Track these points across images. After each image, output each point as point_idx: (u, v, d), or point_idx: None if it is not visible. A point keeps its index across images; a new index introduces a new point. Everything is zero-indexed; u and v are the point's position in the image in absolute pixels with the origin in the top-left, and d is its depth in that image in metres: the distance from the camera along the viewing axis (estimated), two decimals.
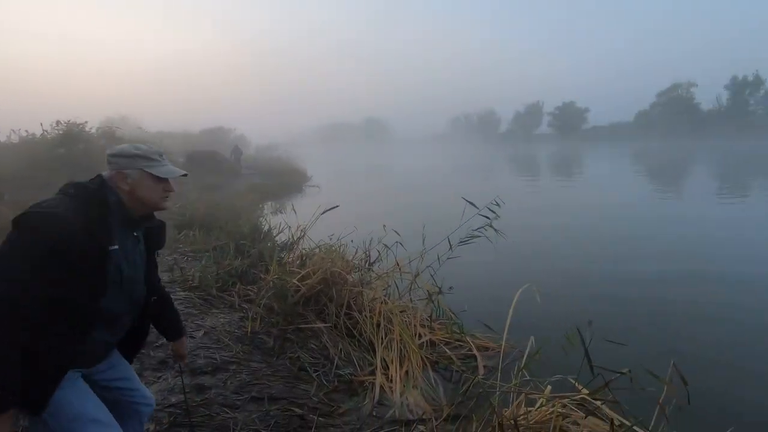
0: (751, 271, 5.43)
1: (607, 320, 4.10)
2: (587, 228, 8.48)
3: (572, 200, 12.71)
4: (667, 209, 10.66)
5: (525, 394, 1.77)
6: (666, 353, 2.77)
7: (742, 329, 3.86)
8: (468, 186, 16.11)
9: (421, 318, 3.61)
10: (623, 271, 5.68)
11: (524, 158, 39.42)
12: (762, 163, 24.64)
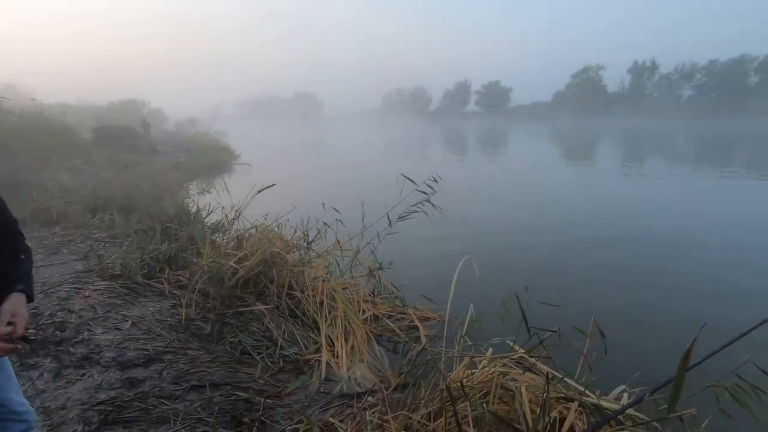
0: (665, 237, 6.15)
1: (540, 285, 4.47)
2: (517, 200, 9.03)
3: (501, 175, 13.44)
4: (582, 182, 11.67)
5: (469, 357, 1.88)
6: (589, 312, 3.08)
7: (653, 291, 4.37)
8: (405, 162, 16.38)
9: (364, 294, 3.66)
10: (552, 240, 6.14)
11: (455, 134, 40.73)
12: (655, 140, 27.81)
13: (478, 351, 2.03)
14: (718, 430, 2.21)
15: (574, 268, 4.97)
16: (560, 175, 12.88)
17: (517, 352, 1.79)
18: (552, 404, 1.64)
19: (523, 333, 1.85)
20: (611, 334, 1.96)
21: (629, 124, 59.99)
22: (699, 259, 5.15)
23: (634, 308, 3.90)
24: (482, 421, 1.65)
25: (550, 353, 1.82)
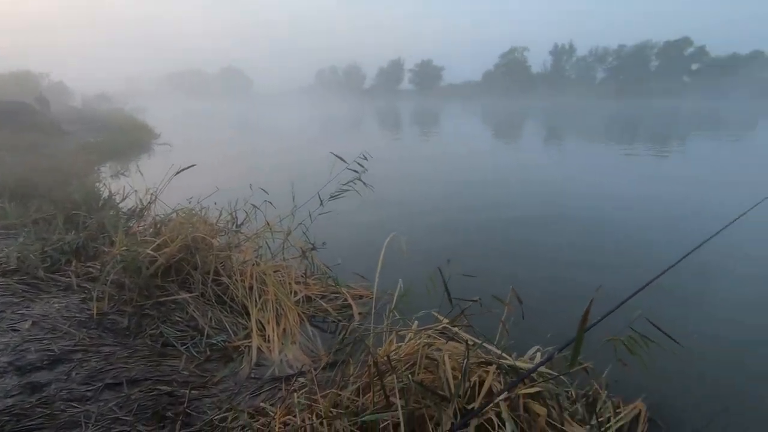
0: (581, 214, 6.65)
1: (463, 258, 4.68)
2: (448, 179, 9.31)
3: (434, 154, 13.74)
4: (510, 161, 12.30)
5: (395, 332, 1.93)
6: (508, 282, 3.28)
7: (564, 263, 4.72)
8: (338, 141, 16.15)
9: (296, 275, 3.60)
10: (478, 217, 6.40)
11: (389, 113, 40.82)
12: (573, 119, 29.98)
13: (406, 325, 2.09)
14: (616, 377, 2.49)
15: (495, 244, 5.22)
16: (489, 155, 13.45)
17: (441, 323, 1.87)
18: (473, 369, 1.74)
19: (449, 305, 1.93)
20: (528, 302, 2.12)
21: (551, 103, 63.91)
22: (605, 234, 5.64)
23: (548, 278, 4.21)
24: (409, 391, 1.70)
25: (471, 322, 1.92)
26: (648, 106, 49.61)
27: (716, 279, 4.07)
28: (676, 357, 2.67)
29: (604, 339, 2.09)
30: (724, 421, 2.26)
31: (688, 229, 5.53)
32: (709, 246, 2.17)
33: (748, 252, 4.66)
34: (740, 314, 3.42)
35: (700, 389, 2.52)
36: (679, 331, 2.94)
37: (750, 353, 2.88)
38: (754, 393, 2.49)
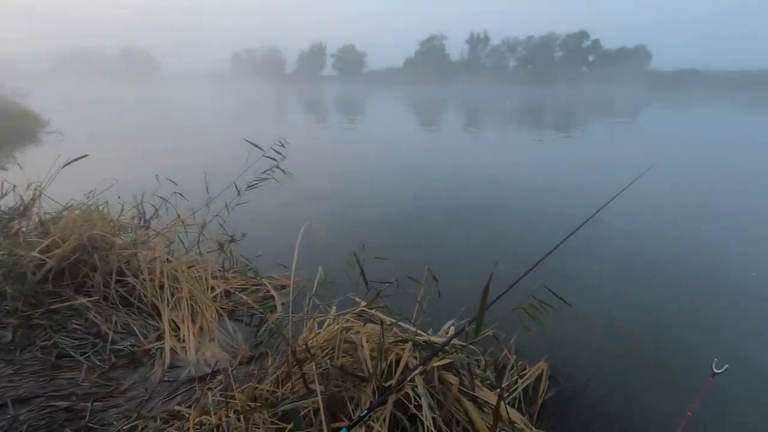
0: (493, 194, 7.07)
1: (379, 242, 4.75)
2: (371, 166, 9.37)
3: (358, 141, 13.73)
4: (431, 147, 12.69)
5: (313, 319, 1.92)
6: (424, 263, 3.40)
7: (476, 242, 5.00)
8: (257, 129, 15.46)
9: (213, 270, 3.42)
10: (393, 200, 6.55)
11: (312, 99, 39.91)
12: (489, 106, 31.72)
13: (326, 312, 2.09)
14: (524, 342, 2.73)
15: (413, 227, 5.37)
16: (409, 142, 13.75)
17: (359, 306, 1.90)
18: (390, 348, 1.80)
19: (367, 289, 1.96)
20: (444, 280, 2.23)
21: (469, 90, 66.78)
22: (511, 218, 6.07)
23: (460, 256, 4.42)
24: (329, 376, 1.72)
25: (388, 303, 1.98)
26: (553, 94, 54.01)
27: (600, 252, 4.58)
28: (570, 322, 2.99)
29: (510, 309, 2.28)
30: (607, 371, 2.59)
31: (588, 205, 6.17)
32: (603, 221, 2.45)
33: (632, 226, 5.33)
34: (621, 283, 3.91)
35: (588, 348, 2.85)
36: (572, 300, 3.30)
37: (626, 316, 3.31)
38: (631, 349, 2.88)
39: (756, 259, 4.40)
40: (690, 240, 4.99)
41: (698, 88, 69.81)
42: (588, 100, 39.54)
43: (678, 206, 6.33)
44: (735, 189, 7.41)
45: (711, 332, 3.09)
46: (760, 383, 2.53)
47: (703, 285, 3.85)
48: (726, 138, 14.98)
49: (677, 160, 9.88)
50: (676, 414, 1.85)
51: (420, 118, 22.89)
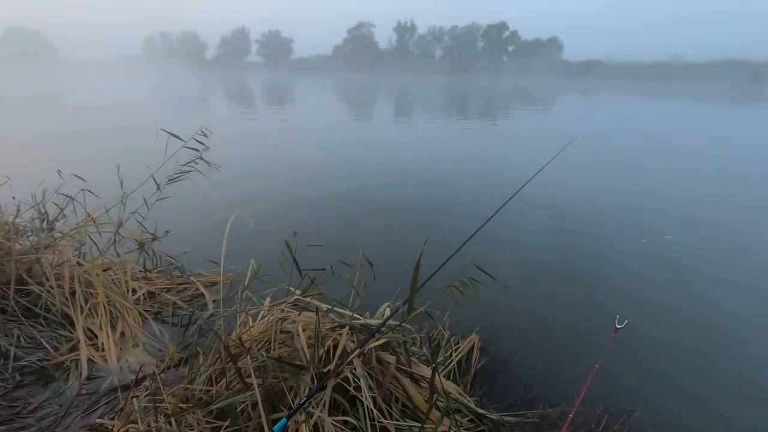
0: (425, 180, 7.23)
1: (313, 230, 4.72)
2: (303, 155, 9.16)
3: (285, 129, 13.33)
4: (361, 135, 12.68)
5: (246, 312, 1.87)
6: (357, 246, 3.42)
7: (409, 224, 5.13)
8: (177, 119, 14.41)
9: (133, 271, 3.17)
10: (326, 188, 6.49)
11: (237, 87, 37.95)
12: (417, 94, 32.36)
13: (260, 304, 2.04)
14: (458, 318, 2.87)
15: (346, 215, 5.34)
16: (342, 130, 13.64)
17: (293, 296, 1.87)
18: (327, 334, 1.80)
19: (303, 277, 1.94)
20: (380, 264, 2.27)
21: (398, 78, 67.54)
22: (443, 202, 6.31)
23: (392, 239, 4.50)
24: (266, 369, 1.69)
25: (324, 290, 1.98)
26: (477, 83, 56.40)
27: (522, 228, 4.93)
28: (498, 295, 3.21)
29: (442, 287, 2.39)
30: (529, 336, 2.82)
31: (513, 185, 6.58)
32: (529, 200, 2.63)
33: (549, 203, 5.78)
34: (542, 256, 4.25)
35: (514, 317, 3.07)
36: (500, 273, 3.52)
37: (547, 288, 3.61)
38: (554, 317, 3.15)
39: (663, 226, 4.98)
40: (605, 211, 5.54)
41: (602, 77, 76.91)
42: (509, 89, 41.85)
43: (591, 184, 6.98)
44: (643, 168, 8.31)
45: (620, 293, 3.47)
46: (658, 334, 2.89)
47: (616, 251, 4.30)
48: (628, 122, 16.70)
49: (589, 142, 10.85)
50: (588, 367, 2.08)
51: (351, 106, 22.75)
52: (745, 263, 4.11)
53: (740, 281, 3.73)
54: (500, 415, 2.08)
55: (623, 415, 2.14)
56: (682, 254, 4.23)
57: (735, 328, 3.02)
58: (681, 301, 3.38)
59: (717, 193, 6.64)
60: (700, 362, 2.67)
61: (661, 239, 4.57)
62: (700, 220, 5.35)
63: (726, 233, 4.91)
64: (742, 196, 6.51)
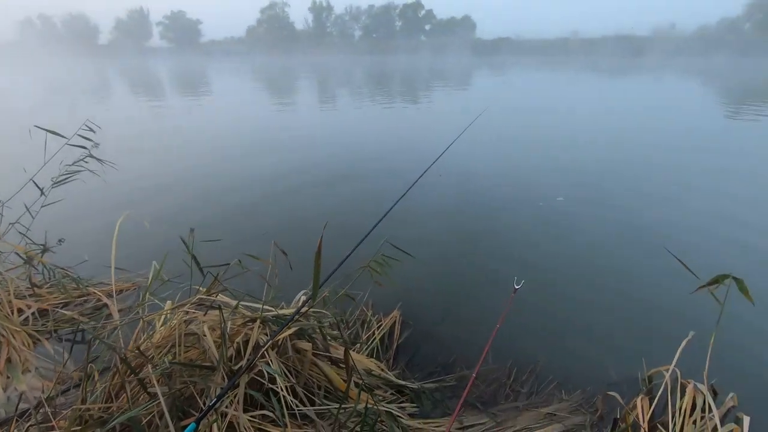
0: (346, 163, 7.17)
1: (222, 222, 4.50)
2: (216, 145, 8.64)
3: (201, 120, 12.46)
4: (283, 123, 12.23)
5: (142, 319, 1.75)
6: (266, 237, 3.32)
7: (317, 212, 5.05)
8: (65, 113, 12.82)
9: (18, 289, 2.82)
10: (238, 177, 6.20)
11: (139, 73, 34.56)
12: (338, 76, 31.86)
13: (164, 307, 1.92)
14: (381, 296, 2.93)
15: (261, 204, 5.11)
16: (258, 118, 13.06)
17: (196, 296, 1.78)
18: (238, 329, 1.75)
19: (205, 275, 1.85)
20: (298, 251, 2.22)
21: (318, 60, 65.96)
22: (367, 181, 6.36)
23: (310, 226, 4.32)
24: (173, 375, 1.60)
25: (236, 285, 1.92)
26: (397, 63, 56.79)
27: (434, 203, 5.10)
28: (416, 270, 3.32)
29: (358, 269, 2.42)
30: (445, 306, 2.98)
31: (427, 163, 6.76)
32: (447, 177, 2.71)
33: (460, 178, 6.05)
34: (453, 227, 4.46)
35: (430, 288, 3.21)
36: (416, 249, 3.63)
37: (458, 258, 3.79)
38: (466, 285, 3.33)
39: (557, 186, 5.42)
40: (509, 180, 5.90)
41: (512, 54, 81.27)
42: (427, 68, 42.68)
43: (497, 154, 7.41)
44: (541, 136, 8.96)
45: (519, 254, 3.75)
46: (549, 293, 3.16)
47: (518, 216, 4.62)
48: (532, 95, 17.89)
49: (496, 116, 11.47)
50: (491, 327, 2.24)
51: (270, 90, 21.82)
52: (624, 218, 4.57)
53: (619, 235, 4.17)
54: (421, 384, 2.19)
55: (530, 366, 2.35)
56: (570, 214, 4.63)
57: (616, 278, 3.37)
58: (568, 255, 3.72)
59: (603, 155, 7.38)
60: (586, 311, 2.95)
61: (554, 201, 5.00)
62: (588, 180, 5.90)
63: (611, 191, 5.48)
64: (625, 158, 7.29)
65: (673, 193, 5.37)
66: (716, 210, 4.77)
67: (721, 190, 5.46)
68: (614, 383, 2.27)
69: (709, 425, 1.70)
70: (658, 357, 2.04)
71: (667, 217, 4.55)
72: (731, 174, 6.22)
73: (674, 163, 6.77)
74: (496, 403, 2.12)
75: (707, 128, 10.26)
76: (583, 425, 1.96)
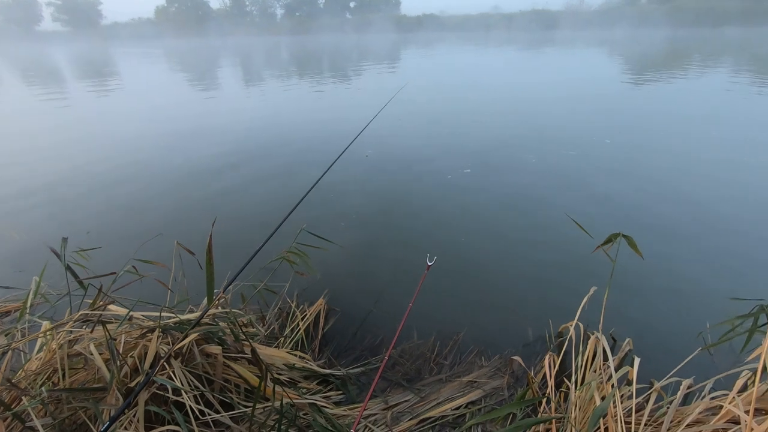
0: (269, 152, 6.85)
1: (116, 228, 4.01)
2: (119, 135, 7.89)
3: (111, 114, 11.29)
4: (202, 106, 11.42)
5: (9, 346, 1.53)
6: (171, 237, 3.13)
7: (227, 207, 4.89)
8: None
9: None
10: (146, 173, 5.76)
11: (27, 62, 30.47)
12: (263, 57, 30.35)
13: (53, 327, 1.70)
14: (305, 286, 2.87)
15: (173, 199, 4.73)
16: (172, 106, 12.14)
17: (80, 311, 1.60)
18: (135, 342, 1.61)
19: (87, 287, 1.67)
20: (219, 246, 2.05)
21: (237, 41, 62.38)
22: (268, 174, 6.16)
23: (224, 221, 4.04)
24: (58, 403, 1.44)
25: (135, 294, 1.75)
26: (320, 42, 55.23)
27: (352, 185, 5.04)
28: (338, 255, 3.28)
29: (271, 260, 2.32)
30: (366, 287, 2.97)
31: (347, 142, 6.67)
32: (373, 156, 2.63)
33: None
34: (370, 208, 4.44)
35: (355, 274, 3.18)
36: (336, 234, 3.57)
37: (376, 240, 3.78)
38: (385, 265, 3.30)
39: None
40: (423, 153, 5.96)
41: (438, 30, 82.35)
42: (354, 46, 41.99)
43: (410, 132, 7.46)
44: (457, 109, 9.18)
45: (432, 230, 3.80)
46: (464, 264, 3.27)
47: (430, 190, 4.68)
48: (453, 69, 18.29)
49: (418, 92, 11.59)
50: (419, 304, 2.27)
51: (187, 76, 20.25)
52: (528, 185, 4.80)
53: (524, 201, 4.37)
54: (347, 370, 2.17)
55: (452, 339, 2.42)
56: (477, 185, 4.80)
57: (525, 245, 3.53)
58: (477, 226, 3.86)
59: (510, 125, 7.74)
60: (500, 278, 3.08)
61: (461, 173, 5.18)
62: (497, 151, 6.14)
63: (511, 159, 5.75)
64: (536, 127, 7.67)
65: (577, 160, 5.74)
66: (617, 168, 5.19)
67: (622, 153, 5.94)
68: (529, 343, 2.41)
69: (609, 371, 1.85)
70: (569, 314, 2.18)
71: (570, 183, 4.85)
72: (635, 131, 6.82)
73: (580, 131, 7.26)
74: (420, 378, 2.17)
75: (611, 95, 11.12)
76: (501, 388, 2.06)
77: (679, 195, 4.41)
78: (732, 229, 3.65)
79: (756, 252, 3.29)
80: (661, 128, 7.19)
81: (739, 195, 4.39)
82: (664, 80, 13.09)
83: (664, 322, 2.57)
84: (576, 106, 9.47)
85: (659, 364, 1.99)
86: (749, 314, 1.84)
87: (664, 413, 1.61)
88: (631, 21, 71.06)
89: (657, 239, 3.50)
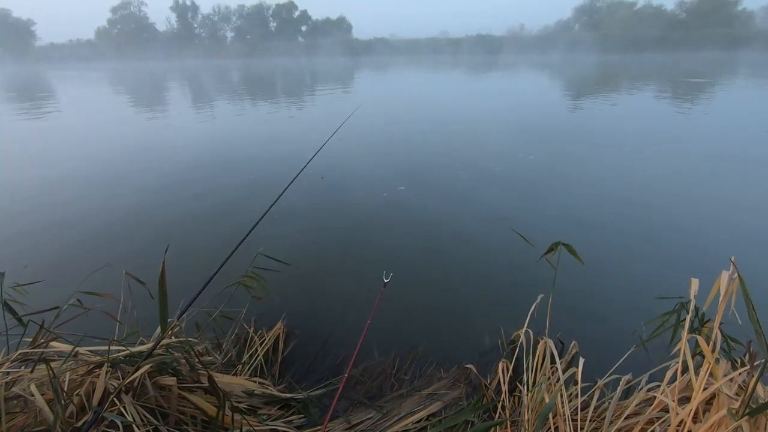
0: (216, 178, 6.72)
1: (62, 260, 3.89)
2: (56, 171, 7.46)
3: (49, 136, 10.59)
4: (149, 133, 11.02)
5: None
6: (119, 267, 3.01)
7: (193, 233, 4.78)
8: None
9: None
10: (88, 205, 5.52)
11: None
12: (212, 82, 29.80)
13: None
14: (263, 311, 2.83)
15: (116, 228, 4.63)
16: (114, 131, 11.64)
17: (17, 351, 1.51)
18: (81, 379, 1.53)
19: (27, 324, 1.58)
20: (174, 274, 1.99)
21: (187, 65, 61.06)
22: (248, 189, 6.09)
23: (177, 249, 3.95)
24: None
25: (81, 328, 1.67)
26: (274, 65, 55.19)
27: (306, 206, 5.11)
28: (295, 277, 3.27)
29: (226, 286, 2.29)
30: (325, 308, 2.98)
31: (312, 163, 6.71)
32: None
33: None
34: (323, 227, 4.50)
35: (313, 296, 3.18)
36: (292, 255, 3.55)
37: (331, 259, 3.84)
38: (343, 284, 3.33)
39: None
40: (367, 173, 6.12)
41: (388, 54, 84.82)
42: (306, 70, 42.31)
43: (359, 151, 7.65)
44: (400, 130, 9.49)
45: (381, 245, 3.90)
46: (419, 280, 3.36)
47: (371, 208, 4.81)
48: (403, 92, 18.89)
49: (367, 116, 11.87)
50: (381, 322, 2.31)
51: (151, 100, 19.45)
52: (471, 199, 5.08)
53: (469, 218, 4.59)
54: (308, 393, 2.16)
55: (411, 353, 2.47)
56: (412, 201, 5.02)
57: (475, 258, 3.68)
58: (424, 242, 4.00)
59: (443, 146, 8.10)
60: (453, 291, 3.20)
61: (396, 191, 5.38)
62: (429, 169, 6.40)
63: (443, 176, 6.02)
64: (469, 145, 8.09)
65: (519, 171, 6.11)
66: (554, 184, 5.57)
67: (556, 168, 6.36)
68: (486, 352, 2.51)
69: (558, 374, 1.97)
70: (521, 322, 2.30)
71: (510, 194, 5.16)
72: (576, 146, 7.34)
73: (516, 146, 7.71)
74: (382, 395, 2.20)
75: (550, 114, 11.91)
76: (461, 397, 2.13)
77: (613, 205, 4.79)
78: (657, 236, 4.02)
79: (678, 255, 3.63)
80: (599, 143, 7.80)
81: (662, 203, 4.83)
82: (599, 102, 14.19)
83: (606, 322, 2.76)
84: (519, 135, 10.05)
85: (605, 362, 2.15)
86: (673, 311, 2.04)
87: (607, 408, 1.73)
88: (566, 46, 76.83)
89: (594, 246, 3.79)
